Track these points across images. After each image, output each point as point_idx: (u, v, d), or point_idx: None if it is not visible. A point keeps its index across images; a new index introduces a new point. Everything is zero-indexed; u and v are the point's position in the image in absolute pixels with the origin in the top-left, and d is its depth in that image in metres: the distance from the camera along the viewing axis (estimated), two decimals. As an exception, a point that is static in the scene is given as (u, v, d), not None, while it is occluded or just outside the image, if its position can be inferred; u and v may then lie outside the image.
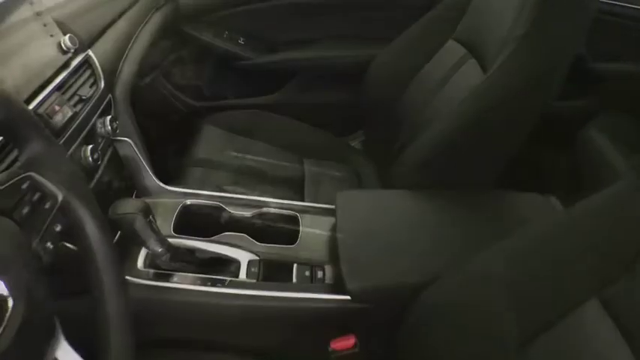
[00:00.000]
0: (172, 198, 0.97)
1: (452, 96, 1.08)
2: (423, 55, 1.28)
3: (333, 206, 0.95)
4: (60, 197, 0.50)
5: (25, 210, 0.47)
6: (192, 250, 0.87)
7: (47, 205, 0.49)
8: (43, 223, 0.48)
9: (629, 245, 0.61)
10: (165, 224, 0.89)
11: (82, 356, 0.49)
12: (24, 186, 0.48)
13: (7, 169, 0.61)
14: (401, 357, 0.79)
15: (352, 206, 0.93)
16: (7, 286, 0.41)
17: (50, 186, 0.50)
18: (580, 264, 0.64)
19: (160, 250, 0.78)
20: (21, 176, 0.48)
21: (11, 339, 0.40)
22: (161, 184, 0.98)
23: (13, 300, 0.41)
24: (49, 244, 0.48)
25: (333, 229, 0.91)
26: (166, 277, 0.81)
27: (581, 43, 0.95)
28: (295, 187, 1.23)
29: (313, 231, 0.93)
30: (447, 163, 0.97)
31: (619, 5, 1.56)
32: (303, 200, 1.12)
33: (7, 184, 0.46)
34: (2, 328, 0.40)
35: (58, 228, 0.50)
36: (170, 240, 0.82)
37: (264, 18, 1.55)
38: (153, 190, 0.98)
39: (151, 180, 0.98)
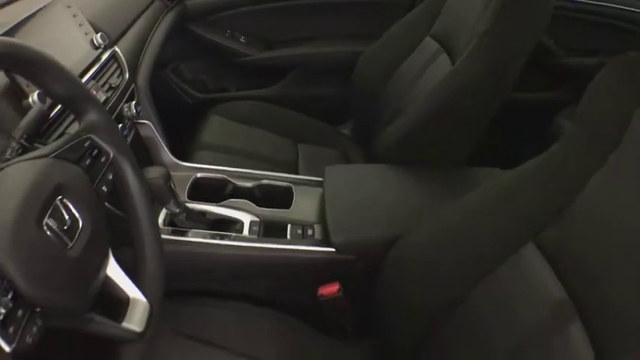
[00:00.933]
0: (185, 172, 1.13)
1: (426, 86, 1.24)
2: (403, 51, 1.42)
3: (321, 179, 1.12)
4: (111, 154, 0.67)
5: (87, 161, 0.63)
6: (203, 212, 1.03)
7: (103, 159, 0.66)
8: (100, 171, 0.65)
9: (559, 196, 0.73)
10: (180, 192, 1.05)
11: None
12: (86, 144, 0.64)
13: (62, 132, 0.78)
14: (377, 301, 0.95)
15: (338, 177, 1.10)
16: (78, 211, 0.57)
17: (104, 145, 0.66)
18: (519, 214, 0.77)
19: (177, 210, 0.94)
20: (83, 137, 0.64)
21: (80, 251, 0.56)
22: (176, 160, 1.15)
23: (83, 222, 0.58)
24: (104, 188, 0.65)
25: (322, 196, 1.07)
26: (182, 233, 0.97)
27: (539, 38, 1.09)
28: (291, 167, 1.39)
29: (305, 198, 1.09)
30: (420, 141, 1.13)
31: (591, 4, 1.72)
32: (297, 177, 1.28)
33: (74, 142, 0.62)
34: (74, 241, 0.56)
35: (110, 176, 0.67)
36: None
37: (262, 18, 1.71)
38: (169, 166, 1.15)
39: (168, 156, 1.14)
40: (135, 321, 0.63)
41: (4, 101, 0.76)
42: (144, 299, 0.65)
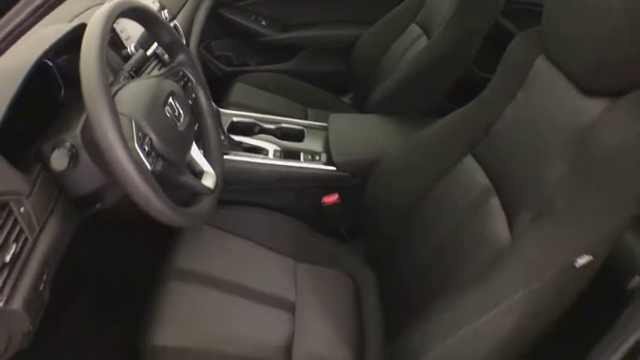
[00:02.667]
0: (224, 117, 1.50)
1: (409, 60, 1.61)
2: (394, 35, 1.79)
3: (326, 124, 1.48)
4: (194, 82, 1.03)
5: (182, 83, 0.99)
6: (239, 142, 1.39)
7: (189, 84, 1.02)
8: (188, 91, 1.01)
9: (486, 121, 1.05)
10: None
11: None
12: (180, 74, 1.00)
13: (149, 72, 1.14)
14: (365, 207, 1.29)
15: (339, 121, 1.48)
16: (181, 108, 0.93)
17: (190, 76, 1.02)
18: (460, 135, 1.11)
19: (222, 137, 1.31)
20: (178, 69, 1.00)
21: (183, 129, 0.91)
22: (217, 108, 1.51)
23: (184, 114, 0.93)
24: (189, 101, 1.01)
25: (327, 135, 1.44)
26: (225, 154, 1.33)
27: (492, 22, 1.45)
28: (301, 123, 1.75)
29: (314, 136, 1.47)
30: (400, 98, 1.51)
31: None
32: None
33: (173, 71, 0.99)
34: (180, 122, 0.90)
35: (193, 95, 1.03)
36: (226, 135, 1.35)
37: (280, 5, 2.08)
38: (212, 111, 1.51)
39: (212, 105, 1.50)
40: (208, 182, 0.99)
41: (110, 50, 1.12)
42: (212, 171, 1.01)
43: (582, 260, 0.77)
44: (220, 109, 1.52)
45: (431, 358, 0.82)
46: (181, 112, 0.92)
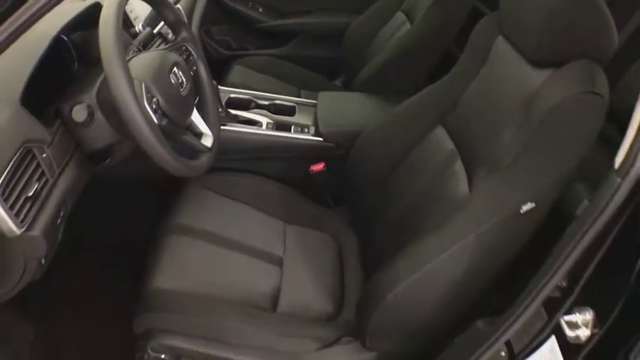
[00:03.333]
0: (222, 93, 1.63)
1: (392, 44, 1.74)
2: (381, 22, 1.92)
3: (316, 101, 1.62)
4: (195, 56, 1.16)
5: (184, 56, 1.13)
6: (235, 115, 1.53)
7: (191, 58, 1.15)
8: (189, 63, 1.14)
9: (453, 95, 1.19)
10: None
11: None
12: (183, 48, 1.14)
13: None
14: (347, 175, 1.41)
15: (327, 98, 1.61)
16: (184, 76, 1.06)
17: (192, 51, 1.16)
18: (434, 108, 1.24)
19: (220, 110, 1.44)
20: (181, 44, 1.14)
21: (186, 94, 1.04)
22: (216, 84, 1.64)
23: (186, 82, 1.07)
24: (191, 72, 1.14)
25: (315, 111, 1.58)
26: (223, 125, 1.46)
27: (469, 8, 1.60)
28: (294, 102, 1.88)
29: (304, 112, 1.60)
30: (384, 77, 1.65)
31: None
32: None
33: (177, 45, 1.12)
34: (183, 88, 1.03)
35: (195, 67, 1.16)
36: (223, 109, 1.49)
37: (277, -7, 2.22)
38: (212, 88, 1.64)
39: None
40: (206, 142, 1.13)
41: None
42: (210, 133, 1.15)
43: (526, 207, 0.90)
44: (219, 87, 1.65)
45: (399, 291, 0.96)
46: (184, 80, 1.05)
